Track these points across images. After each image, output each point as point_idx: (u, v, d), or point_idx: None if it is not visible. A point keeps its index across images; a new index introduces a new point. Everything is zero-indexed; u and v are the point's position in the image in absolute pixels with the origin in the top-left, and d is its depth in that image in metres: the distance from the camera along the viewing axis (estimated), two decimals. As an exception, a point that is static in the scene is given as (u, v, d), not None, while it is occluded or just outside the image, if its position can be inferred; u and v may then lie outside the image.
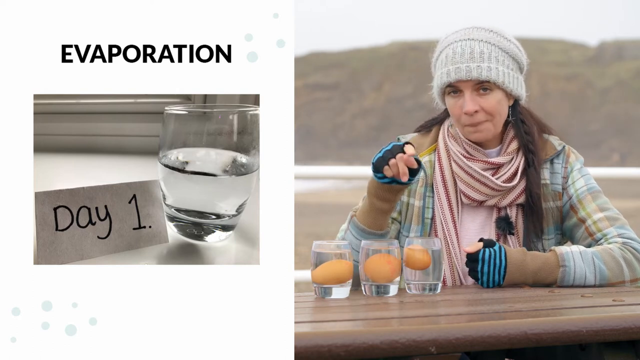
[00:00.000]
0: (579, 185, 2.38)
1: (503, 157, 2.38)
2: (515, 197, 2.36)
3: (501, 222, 2.35)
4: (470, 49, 2.32)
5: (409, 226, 2.38)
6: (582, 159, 2.44)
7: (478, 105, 2.32)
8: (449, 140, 2.41)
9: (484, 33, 2.35)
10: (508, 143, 2.39)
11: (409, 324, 1.73)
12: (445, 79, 2.33)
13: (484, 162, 2.36)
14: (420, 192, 2.39)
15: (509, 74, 2.33)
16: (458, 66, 2.32)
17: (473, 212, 2.39)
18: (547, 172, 2.39)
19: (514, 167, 2.37)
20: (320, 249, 2.06)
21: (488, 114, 2.32)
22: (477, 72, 2.30)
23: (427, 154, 2.42)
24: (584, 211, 2.35)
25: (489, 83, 2.31)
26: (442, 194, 2.38)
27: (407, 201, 2.40)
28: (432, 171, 2.40)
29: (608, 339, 1.76)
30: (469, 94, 2.31)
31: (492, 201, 2.36)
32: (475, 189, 2.35)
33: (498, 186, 2.34)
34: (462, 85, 2.32)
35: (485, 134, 2.35)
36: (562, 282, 2.23)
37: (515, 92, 2.35)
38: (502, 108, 2.35)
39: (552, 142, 2.43)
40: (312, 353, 1.55)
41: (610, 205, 2.38)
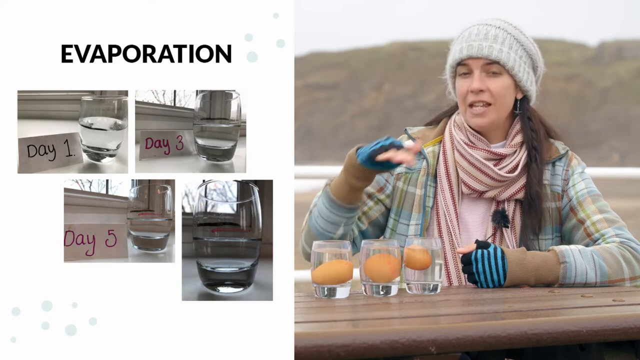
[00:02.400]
0: (580, 187, 2.40)
1: (506, 148, 2.40)
2: (515, 192, 2.37)
3: (497, 215, 2.37)
4: (486, 31, 2.37)
5: (408, 214, 2.40)
6: (584, 165, 2.47)
7: (485, 85, 2.35)
8: (454, 129, 2.44)
9: (503, 23, 2.40)
10: (513, 136, 2.41)
11: (409, 324, 1.73)
12: (457, 56, 2.38)
13: (486, 151, 2.38)
14: (421, 181, 2.41)
15: (520, 64, 2.36)
16: (470, 44, 2.36)
17: (473, 205, 2.41)
18: (548, 174, 2.41)
19: (517, 160, 2.38)
20: (320, 249, 2.06)
21: (492, 97, 2.35)
22: (488, 51, 2.34)
23: (432, 145, 2.45)
24: (583, 212, 2.36)
25: (498, 66, 2.34)
26: (445, 184, 2.40)
27: (402, 188, 2.42)
28: (435, 161, 2.42)
29: (608, 339, 1.76)
30: (478, 74, 2.35)
31: (492, 193, 2.37)
32: (476, 178, 2.37)
33: (499, 176, 2.35)
34: (472, 63, 2.36)
35: (486, 119, 2.37)
36: (564, 279, 2.22)
37: (524, 85, 2.38)
38: (508, 96, 2.37)
39: (556, 146, 2.45)
40: (312, 353, 1.55)
41: (610, 209, 2.39)
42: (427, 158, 2.42)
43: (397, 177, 2.43)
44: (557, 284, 2.23)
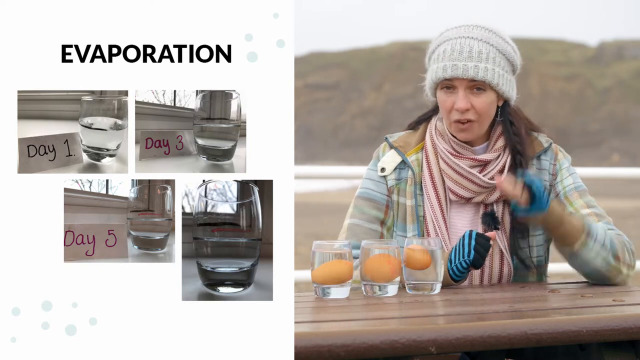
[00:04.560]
0: (567, 182, 2.41)
1: (490, 154, 2.39)
2: (501, 194, 2.37)
3: (487, 218, 2.37)
4: (469, 48, 2.33)
5: (403, 225, 2.39)
6: (569, 158, 2.48)
7: (470, 103, 2.33)
8: (436, 137, 2.42)
9: (483, 32, 2.36)
10: (495, 140, 2.41)
11: (408, 324, 1.73)
12: (441, 74, 2.34)
13: (471, 160, 2.38)
14: (410, 191, 2.40)
15: (503, 76, 2.35)
16: (455, 63, 2.33)
17: (461, 209, 2.40)
18: (534, 169, 2.41)
19: (501, 164, 2.38)
20: (320, 249, 2.06)
21: (478, 114, 2.34)
22: (473, 72, 2.32)
23: (415, 153, 2.44)
24: (571, 206, 2.38)
25: (483, 84, 2.33)
26: (431, 191, 2.39)
27: (397, 200, 2.41)
28: (419, 169, 2.41)
29: (608, 339, 1.77)
30: (463, 92, 2.33)
31: (479, 198, 2.38)
32: (463, 186, 2.37)
33: (485, 183, 2.36)
34: (457, 82, 2.34)
35: (471, 134, 2.37)
36: (590, 233, 2.24)
37: (506, 95, 2.38)
38: (492, 109, 2.37)
39: (539, 140, 2.45)
40: (312, 353, 1.55)
41: (596, 204, 2.41)
42: (412, 167, 2.41)
43: (390, 191, 2.42)
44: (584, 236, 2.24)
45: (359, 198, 2.45)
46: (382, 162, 2.44)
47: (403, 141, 2.47)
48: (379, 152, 2.48)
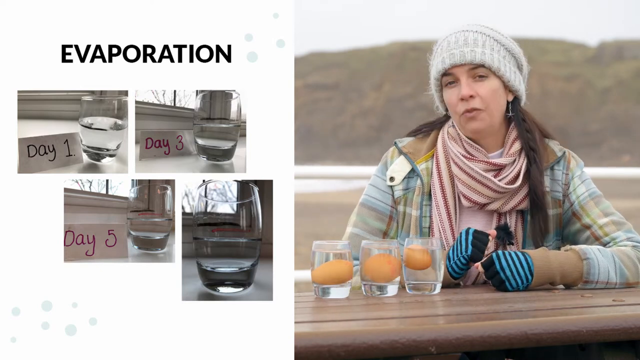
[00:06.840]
0: (581, 191, 2.35)
1: (505, 158, 2.33)
2: (518, 202, 2.31)
3: (500, 232, 2.30)
4: (464, 37, 2.31)
5: (406, 236, 2.33)
6: (582, 163, 2.41)
7: (474, 90, 2.28)
8: (448, 141, 2.36)
9: (481, 27, 2.34)
10: (510, 144, 2.35)
11: (408, 324, 1.73)
12: (440, 67, 2.31)
13: (485, 163, 2.31)
14: (417, 202, 2.34)
15: (505, 64, 2.30)
16: (452, 52, 2.30)
17: (472, 217, 2.34)
18: (548, 179, 2.35)
19: (517, 169, 2.32)
20: (320, 249, 2.06)
21: (483, 102, 2.28)
22: (470, 56, 2.28)
23: (425, 161, 2.38)
24: (588, 217, 2.32)
25: (484, 69, 2.29)
26: (440, 199, 2.33)
27: (403, 210, 2.36)
28: (429, 179, 2.35)
29: (608, 339, 1.77)
30: (465, 80, 2.29)
31: (494, 205, 2.31)
32: (476, 190, 2.30)
33: (500, 188, 2.29)
34: (457, 71, 2.29)
35: (480, 123, 2.30)
36: (589, 275, 2.17)
37: (513, 85, 2.32)
38: (499, 98, 2.31)
39: (552, 148, 2.39)
40: (312, 353, 1.55)
41: (614, 210, 2.35)
42: (421, 176, 2.35)
43: (397, 202, 2.37)
44: (582, 281, 2.17)
45: (363, 206, 2.40)
46: (391, 171, 2.39)
47: (413, 147, 2.41)
48: (387, 158, 2.42)
